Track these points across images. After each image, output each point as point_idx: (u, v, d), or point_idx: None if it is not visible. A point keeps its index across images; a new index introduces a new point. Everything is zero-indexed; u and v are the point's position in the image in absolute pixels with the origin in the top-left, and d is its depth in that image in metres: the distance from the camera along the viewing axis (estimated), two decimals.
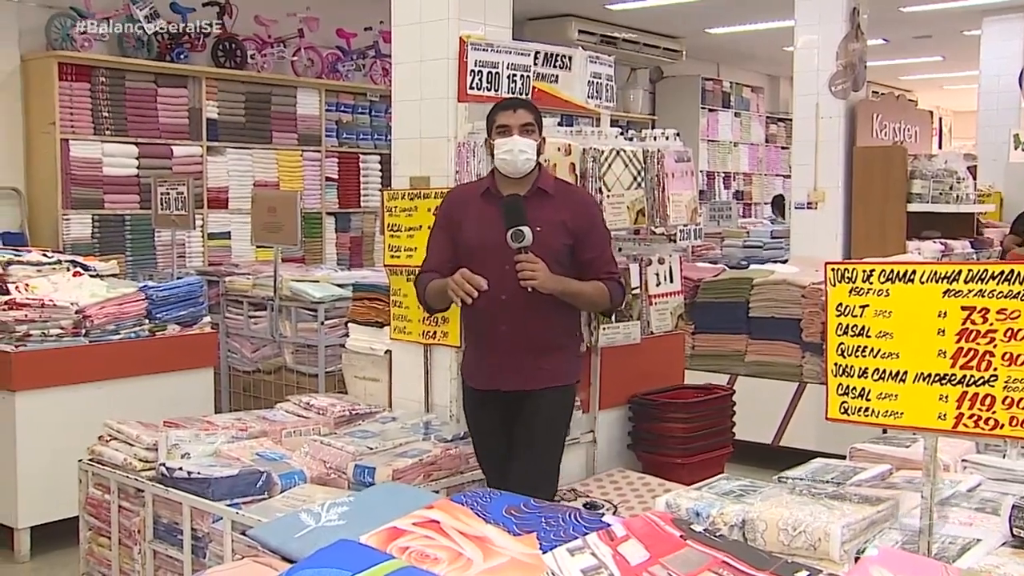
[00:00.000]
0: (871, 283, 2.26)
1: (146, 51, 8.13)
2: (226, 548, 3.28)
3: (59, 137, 7.46)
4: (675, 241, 4.84)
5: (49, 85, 7.44)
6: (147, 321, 5.32)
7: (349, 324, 5.09)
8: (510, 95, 4.25)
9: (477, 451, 3.80)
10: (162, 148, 8.09)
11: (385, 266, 4.52)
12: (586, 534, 1.77)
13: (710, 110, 14.44)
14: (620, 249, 4.51)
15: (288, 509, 3.04)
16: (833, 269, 2.33)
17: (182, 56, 8.40)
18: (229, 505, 3.31)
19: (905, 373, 2.21)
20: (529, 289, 3.44)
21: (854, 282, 2.28)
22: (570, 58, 4.52)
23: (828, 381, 2.32)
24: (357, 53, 9.79)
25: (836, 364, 2.30)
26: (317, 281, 6.44)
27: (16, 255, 5.88)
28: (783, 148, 15.96)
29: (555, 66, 4.44)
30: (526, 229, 3.41)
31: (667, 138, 4.78)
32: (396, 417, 4.26)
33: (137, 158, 7.91)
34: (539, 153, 3.63)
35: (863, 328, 2.26)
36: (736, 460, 4.92)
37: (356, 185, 9.66)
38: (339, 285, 6.31)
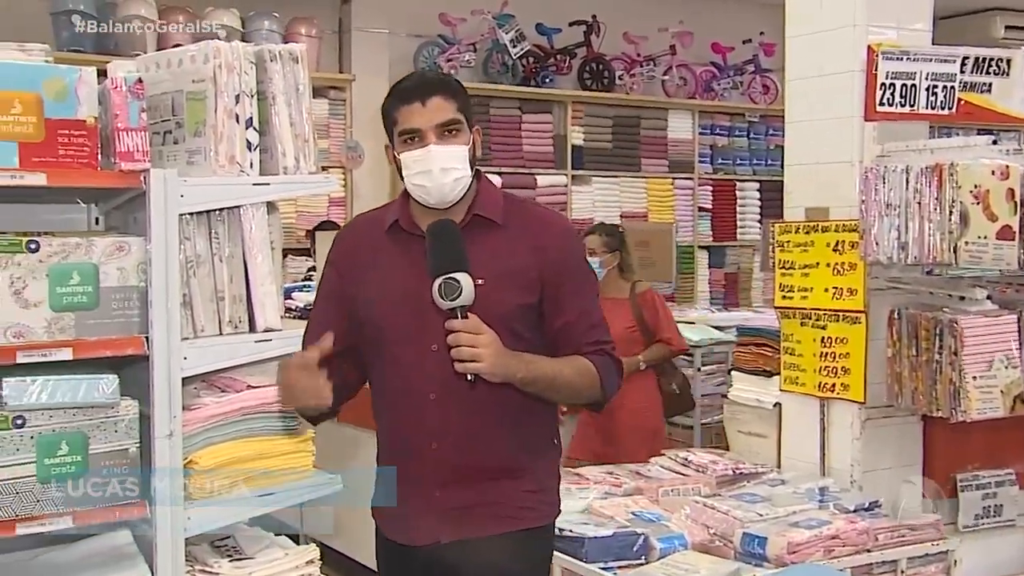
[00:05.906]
0: None
1: (510, 75, 8.55)
2: None
3: None
4: None
5: None
6: None
7: (732, 372, 5.04)
8: (928, 111, 4.02)
9: None
10: (526, 178, 8.47)
11: (776, 308, 4.42)
12: None
13: None
14: None
15: None
16: None
17: (547, 80, 8.76)
18: (604, 568, 3.34)
19: None
20: (470, 378, 2.29)
21: None
22: (1008, 61, 4.20)
23: None
24: (734, 69, 9.75)
25: None
26: (692, 323, 6.46)
27: None
28: None
29: (988, 72, 4.15)
30: (463, 277, 2.27)
31: None
32: (786, 480, 4.14)
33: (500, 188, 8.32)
34: (473, 161, 2.45)
35: None
36: None
37: (732, 216, 9.63)
38: (716, 327, 6.28)
